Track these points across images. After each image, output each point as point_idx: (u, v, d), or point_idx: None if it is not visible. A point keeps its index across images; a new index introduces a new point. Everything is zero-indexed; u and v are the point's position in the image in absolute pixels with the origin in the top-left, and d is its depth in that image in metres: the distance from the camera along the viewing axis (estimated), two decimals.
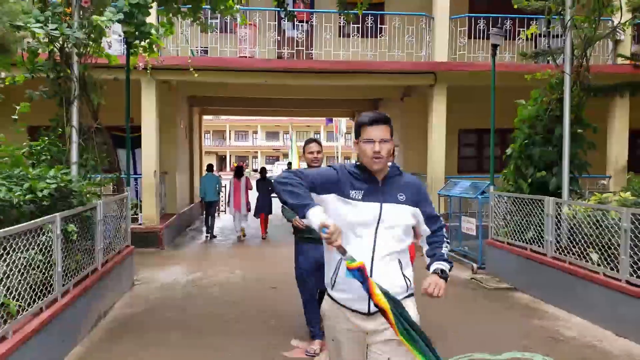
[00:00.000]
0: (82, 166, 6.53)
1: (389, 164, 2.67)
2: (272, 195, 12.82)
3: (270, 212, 13.29)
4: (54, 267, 4.83)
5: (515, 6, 8.47)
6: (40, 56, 6.51)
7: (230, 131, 63.90)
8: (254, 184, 13.45)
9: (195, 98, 16.15)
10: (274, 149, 63.56)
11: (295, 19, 9.49)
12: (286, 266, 9.30)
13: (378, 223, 2.56)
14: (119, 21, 5.93)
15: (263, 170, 13.72)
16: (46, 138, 6.56)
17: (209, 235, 12.81)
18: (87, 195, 6.01)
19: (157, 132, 11.38)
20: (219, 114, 31.82)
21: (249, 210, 12.93)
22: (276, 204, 14.38)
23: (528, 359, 4.98)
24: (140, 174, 11.61)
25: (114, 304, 6.77)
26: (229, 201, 13.25)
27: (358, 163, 2.67)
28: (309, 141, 4.94)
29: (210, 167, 13.62)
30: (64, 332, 4.99)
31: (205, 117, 21.41)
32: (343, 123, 32.13)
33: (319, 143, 4.92)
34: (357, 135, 2.64)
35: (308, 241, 4.89)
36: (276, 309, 6.68)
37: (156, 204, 11.30)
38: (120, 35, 9.53)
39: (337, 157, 35.13)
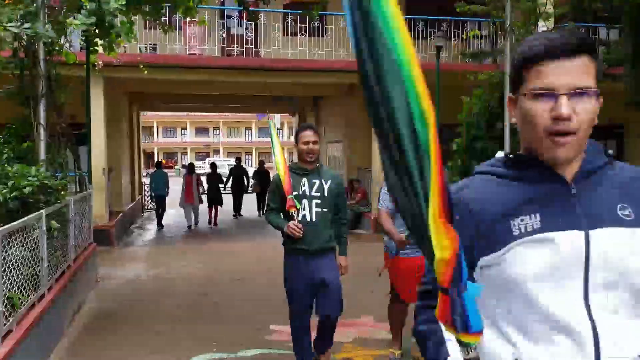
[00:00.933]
0: (50, 164, 6.54)
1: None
2: (221, 187, 14.81)
3: (221, 204, 14.60)
4: (41, 263, 4.93)
5: (458, 9, 9.12)
6: (1, 54, 6.47)
7: (157, 127, 62.49)
8: (203, 179, 14.67)
9: (135, 95, 15.99)
10: (204, 145, 62.74)
11: (244, 18, 9.75)
12: (244, 259, 9.65)
13: (587, 274, 1.16)
14: (90, 24, 6.00)
15: (213, 166, 15.25)
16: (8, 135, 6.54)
17: (162, 226, 13.84)
18: (62, 193, 6.06)
19: (105, 130, 11.30)
20: (159, 110, 31.17)
21: (201, 202, 13.98)
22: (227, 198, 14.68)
23: None
24: (86, 172, 11.47)
25: (85, 300, 6.83)
26: (181, 195, 13.92)
27: (512, 154, 1.34)
28: (303, 128, 4.16)
29: (159, 164, 14.94)
30: (51, 327, 5.10)
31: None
32: (277, 118, 32.40)
33: (316, 131, 4.14)
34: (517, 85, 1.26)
35: (298, 253, 4.03)
36: (248, 298, 6.98)
37: (105, 202, 11.23)
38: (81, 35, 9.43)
39: (272, 152, 35.26)
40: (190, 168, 14.27)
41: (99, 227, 10.95)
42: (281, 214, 4.15)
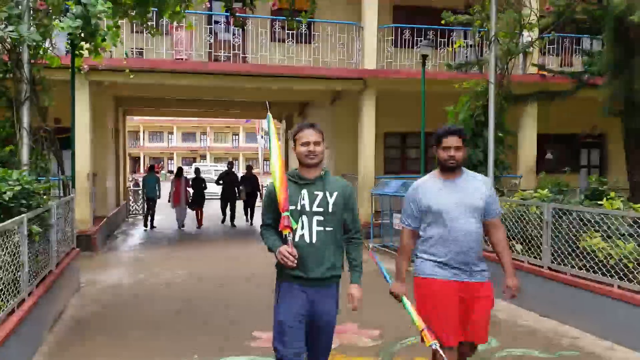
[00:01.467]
0: (32, 168, 6.49)
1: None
2: (205, 191, 15.50)
3: (203, 206, 15.45)
4: (21, 268, 4.88)
5: (443, 21, 9.22)
6: None
7: (144, 132, 62.16)
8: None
9: (122, 99, 15.92)
10: (190, 150, 62.50)
11: (231, 24, 9.76)
12: (226, 265, 9.62)
13: None
14: (75, 27, 5.97)
15: (197, 171, 15.93)
16: None
17: (153, 227, 14.77)
18: (44, 197, 6.01)
19: (90, 134, 11.23)
20: (146, 115, 31.07)
21: (187, 204, 15.07)
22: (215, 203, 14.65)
23: None
24: (70, 176, 11.39)
25: (67, 305, 6.77)
26: (169, 197, 15.25)
27: None
28: (302, 126, 3.35)
29: (151, 168, 16.01)
30: (31, 333, 5.04)
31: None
32: (265, 123, 32.38)
33: (319, 130, 3.33)
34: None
35: (293, 279, 3.29)
36: (230, 304, 6.95)
37: (89, 207, 11.14)
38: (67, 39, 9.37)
39: (259, 158, 35.27)
40: (179, 172, 15.49)
41: (83, 232, 10.86)
42: (274, 229, 3.35)
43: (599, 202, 6.32)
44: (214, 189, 16.03)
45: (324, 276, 3.28)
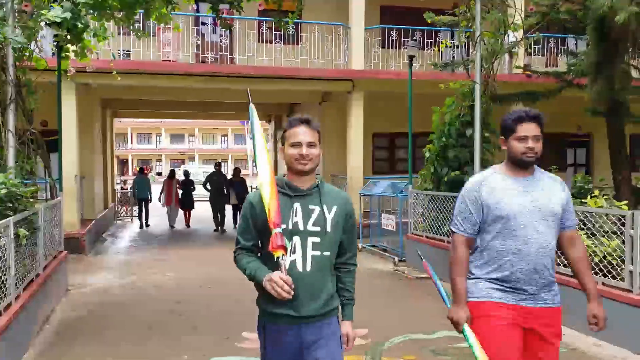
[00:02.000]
0: (18, 171, 6.45)
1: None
2: (194, 192, 15.93)
3: (193, 207, 15.94)
4: (8, 272, 4.86)
5: (429, 21, 9.28)
6: None
7: (132, 134, 61.85)
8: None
9: (108, 101, 15.85)
10: (179, 152, 62.27)
11: (218, 25, 9.76)
12: (215, 266, 9.60)
13: None
14: (64, 20, 5.95)
15: (186, 173, 16.54)
16: None
17: (147, 225, 15.56)
18: (31, 200, 5.99)
19: (77, 136, 11.18)
20: (133, 117, 30.93)
21: (177, 204, 15.64)
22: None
23: (458, 336, 5.64)
24: (57, 179, 11.35)
25: (54, 309, 6.73)
26: (160, 198, 15.90)
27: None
28: (294, 122, 2.61)
29: (141, 170, 16.78)
30: (19, 337, 5.02)
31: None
32: (249, 122, 32.36)
33: (315, 128, 2.59)
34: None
35: (281, 320, 2.54)
36: (219, 307, 6.96)
37: (77, 209, 11.09)
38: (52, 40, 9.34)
39: (248, 160, 35.22)
40: (171, 174, 16.21)
41: (71, 234, 10.81)
42: (255, 254, 2.69)
43: (584, 201, 6.40)
44: (202, 190, 15.68)
45: (321, 312, 2.57)
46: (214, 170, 15.31)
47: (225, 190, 14.62)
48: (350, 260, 2.74)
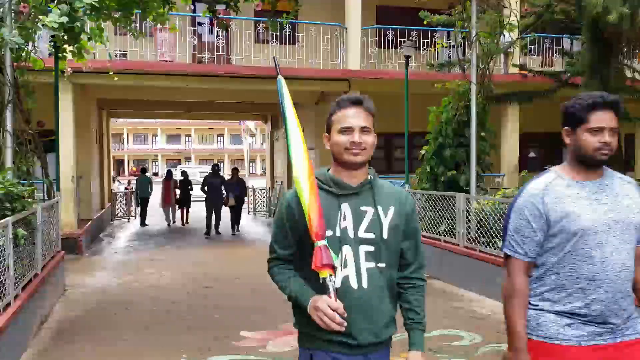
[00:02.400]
0: (15, 171, 6.47)
1: None
2: (191, 192, 16.72)
3: (190, 206, 16.78)
4: (6, 272, 4.88)
5: (425, 21, 9.33)
6: None
7: (128, 134, 61.77)
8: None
9: (105, 101, 15.85)
10: (175, 152, 62.23)
11: (215, 25, 9.79)
12: (212, 266, 9.63)
13: None
14: (61, 24, 5.97)
15: (184, 173, 17.21)
16: None
17: (145, 225, 15.95)
18: (29, 200, 6.00)
19: (74, 136, 11.19)
20: (130, 117, 30.95)
21: (176, 203, 16.42)
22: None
23: (454, 335, 5.70)
24: (54, 179, 11.36)
25: (53, 309, 6.75)
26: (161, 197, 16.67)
27: None
28: (343, 102, 2.14)
29: (144, 170, 17.45)
30: (17, 336, 5.04)
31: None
32: (252, 125, 32.39)
33: (369, 109, 2.13)
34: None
35: (331, 347, 2.06)
36: (217, 305, 6.98)
37: (74, 210, 11.10)
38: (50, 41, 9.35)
39: (245, 160, 35.20)
40: (168, 174, 16.84)
41: (68, 235, 10.82)
42: (293, 268, 2.16)
43: None
44: (199, 191, 15.55)
45: (380, 339, 2.07)
46: (211, 171, 14.57)
47: (223, 191, 13.98)
48: (415, 273, 2.17)
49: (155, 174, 51.48)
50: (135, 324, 6.16)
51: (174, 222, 16.30)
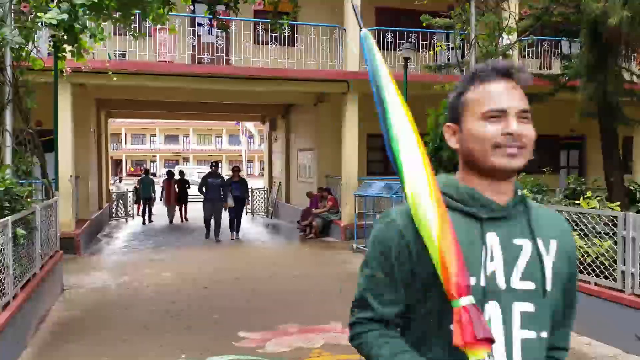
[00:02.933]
0: (15, 171, 6.47)
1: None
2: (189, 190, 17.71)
3: (186, 202, 17.70)
4: (5, 271, 4.88)
5: (424, 24, 9.35)
6: None
7: (126, 134, 61.70)
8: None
9: (103, 101, 15.84)
10: (173, 153, 62.19)
11: (214, 26, 9.80)
12: (211, 267, 9.63)
13: None
14: (61, 21, 5.98)
15: (181, 172, 18.47)
16: None
17: (150, 221, 17.07)
18: (28, 200, 6.01)
19: (72, 136, 11.19)
20: (128, 117, 30.96)
21: (175, 202, 17.23)
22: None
23: None
24: (53, 179, 11.36)
25: (50, 308, 6.75)
26: (161, 196, 18.11)
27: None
28: (487, 73, 1.32)
29: (147, 172, 18.82)
30: (16, 335, 5.05)
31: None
32: (250, 125, 32.37)
33: (526, 84, 1.35)
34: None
35: None
36: (215, 306, 6.99)
37: (72, 210, 11.09)
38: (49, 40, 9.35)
39: (243, 160, 35.19)
40: (169, 174, 17.83)
41: (66, 234, 10.80)
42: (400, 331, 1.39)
43: (577, 202, 6.48)
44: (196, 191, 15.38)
45: None
46: (209, 171, 13.52)
47: (222, 192, 12.92)
48: (562, 341, 1.48)
49: (154, 174, 51.49)
50: (134, 324, 6.17)
51: (172, 221, 17.06)
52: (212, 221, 13.04)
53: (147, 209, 17.18)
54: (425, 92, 10.57)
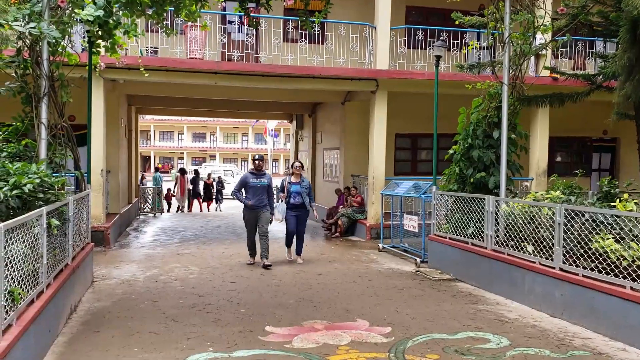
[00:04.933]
0: (48, 163, 6.58)
1: None
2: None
3: (197, 197, 22.01)
4: (40, 260, 4.96)
5: (457, 22, 9.23)
6: (4, 52, 6.55)
7: (154, 131, 62.51)
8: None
9: (134, 97, 16.05)
10: (200, 151, 62.80)
11: (244, 24, 9.81)
12: (237, 262, 9.66)
13: None
14: (97, 18, 6.06)
15: (196, 172, 23.00)
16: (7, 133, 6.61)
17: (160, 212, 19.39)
18: (62, 192, 6.10)
19: (104, 131, 11.35)
20: (158, 114, 31.34)
21: (183, 195, 21.15)
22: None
23: (481, 337, 5.63)
24: (86, 172, 11.54)
25: (81, 299, 6.86)
26: (174, 190, 21.62)
27: None
28: None
29: (156, 169, 23.37)
30: (50, 323, 5.13)
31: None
32: (274, 124, 32.44)
33: None
34: None
35: None
36: (242, 300, 7.02)
37: (103, 203, 11.27)
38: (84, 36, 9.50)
39: (268, 159, 35.29)
40: (181, 171, 21.79)
41: (96, 227, 10.98)
42: None
43: (612, 204, 6.32)
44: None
45: None
46: (252, 167, 9.71)
47: (275, 200, 10.07)
48: None
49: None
50: (162, 316, 6.23)
51: (182, 210, 20.97)
52: (257, 238, 9.49)
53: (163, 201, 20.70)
54: (456, 91, 10.49)
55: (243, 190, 9.51)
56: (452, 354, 5.08)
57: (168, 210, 20.79)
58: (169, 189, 21.74)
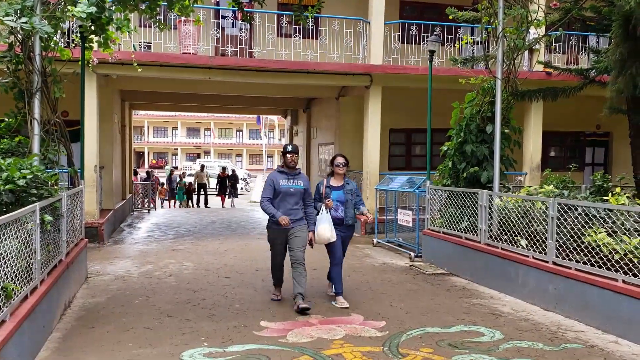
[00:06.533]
0: (41, 159, 6.55)
1: None
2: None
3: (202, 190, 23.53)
4: (34, 256, 4.95)
5: (451, 17, 9.24)
6: None
7: (148, 127, 62.29)
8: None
9: (127, 92, 15.99)
10: (194, 146, 62.64)
11: (238, 19, 9.79)
12: (231, 257, 9.67)
13: None
14: (89, 14, 6.04)
15: (202, 167, 24.02)
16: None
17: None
18: (55, 187, 6.09)
19: (98, 126, 11.32)
20: (151, 110, 31.29)
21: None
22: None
23: (475, 331, 5.66)
24: (79, 168, 11.50)
25: (75, 295, 6.85)
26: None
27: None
28: None
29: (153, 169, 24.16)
30: (44, 319, 5.12)
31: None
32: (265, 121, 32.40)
33: None
34: None
35: None
36: (236, 296, 7.02)
37: (96, 199, 11.24)
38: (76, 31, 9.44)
39: (263, 155, 35.28)
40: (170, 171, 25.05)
41: (90, 223, 10.96)
42: None
43: (605, 198, 6.36)
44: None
45: None
46: (282, 163, 6.68)
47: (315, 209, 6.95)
48: None
49: (175, 168, 51.98)
50: (157, 312, 6.23)
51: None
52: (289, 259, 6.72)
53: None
54: (450, 86, 10.51)
55: (271, 195, 6.49)
56: (446, 348, 5.11)
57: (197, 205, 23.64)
58: (189, 183, 24.30)
